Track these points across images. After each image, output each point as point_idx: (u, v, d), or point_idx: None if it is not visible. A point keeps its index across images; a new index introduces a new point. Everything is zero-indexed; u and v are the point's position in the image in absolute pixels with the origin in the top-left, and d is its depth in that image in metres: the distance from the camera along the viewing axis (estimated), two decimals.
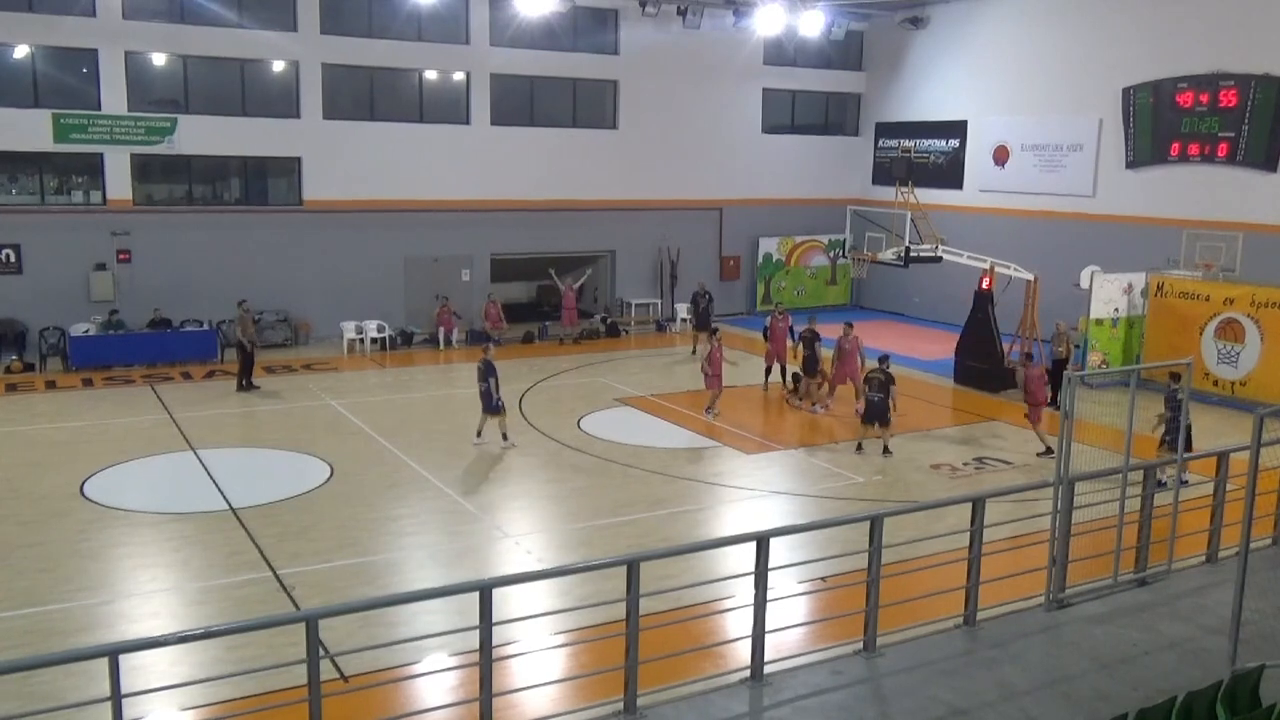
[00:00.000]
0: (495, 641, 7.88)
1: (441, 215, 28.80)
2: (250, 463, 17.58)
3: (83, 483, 16.05)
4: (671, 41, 30.82)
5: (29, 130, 24.48)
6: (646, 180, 31.28)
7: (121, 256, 25.76)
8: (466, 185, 28.92)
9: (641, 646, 8.37)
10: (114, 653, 6.69)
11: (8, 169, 25.43)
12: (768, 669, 9.03)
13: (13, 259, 24.82)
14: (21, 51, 24.80)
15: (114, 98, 25.35)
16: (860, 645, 9.56)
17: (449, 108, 29.26)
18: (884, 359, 18.53)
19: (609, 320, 30.17)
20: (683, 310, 31.51)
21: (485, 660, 7.81)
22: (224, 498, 15.46)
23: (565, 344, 28.41)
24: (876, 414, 18.10)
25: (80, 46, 24.99)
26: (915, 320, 32.15)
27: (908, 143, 33.42)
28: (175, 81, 26.59)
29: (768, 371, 23.40)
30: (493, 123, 29.44)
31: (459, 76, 29.22)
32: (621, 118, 31.24)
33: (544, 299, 32.20)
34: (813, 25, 30.46)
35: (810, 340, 21.58)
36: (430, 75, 29.13)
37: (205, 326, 25.80)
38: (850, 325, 21.37)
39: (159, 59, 26.22)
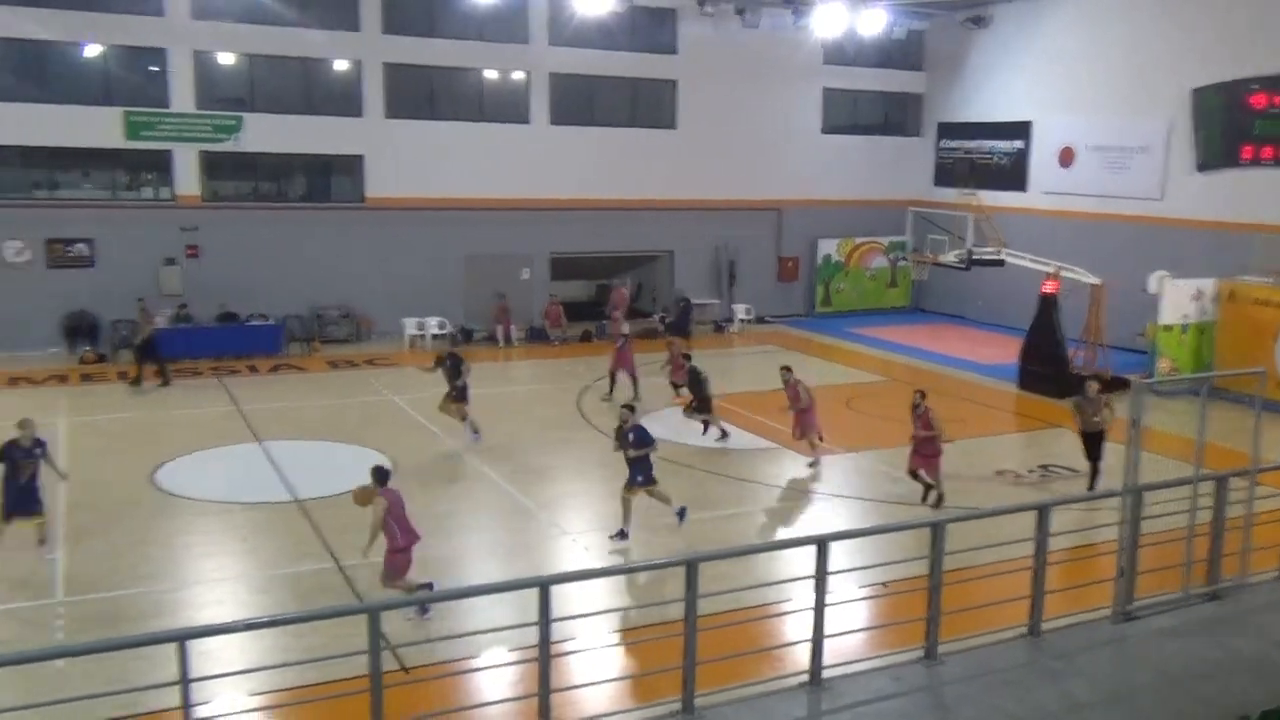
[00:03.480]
0: (554, 638, 7.92)
1: (501, 214, 29.00)
2: (314, 455, 17.84)
3: (153, 472, 16.42)
4: (730, 41, 30.72)
5: (102, 127, 25.09)
6: (705, 180, 31.22)
7: (190, 252, 26.31)
8: (526, 184, 29.10)
9: (699, 647, 8.35)
10: (183, 638, 6.81)
11: (82, 165, 26.08)
12: (827, 674, 8.95)
13: (86, 252, 25.47)
14: (94, 51, 25.44)
15: (183, 96, 25.91)
16: (921, 652, 9.45)
17: (509, 107, 29.46)
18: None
19: (667, 320, 30.17)
20: (741, 310, 31.44)
21: (543, 656, 7.84)
22: (289, 489, 15.71)
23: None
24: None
25: (150, 46, 25.57)
26: (977, 324, 31.72)
27: (970, 143, 32.99)
28: (241, 80, 27.11)
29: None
30: (552, 122, 29.59)
31: (519, 76, 29.41)
32: (680, 117, 31.22)
33: (602, 298, 32.30)
34: (873, 25, 30.19)
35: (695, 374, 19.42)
36: (490, 74, 29.36)
37: (270, 321, 26.27)
38: (788, 369, 18.21)
39: (226, 58, 26.73)
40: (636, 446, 13.85)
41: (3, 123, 24.25)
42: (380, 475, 11.55)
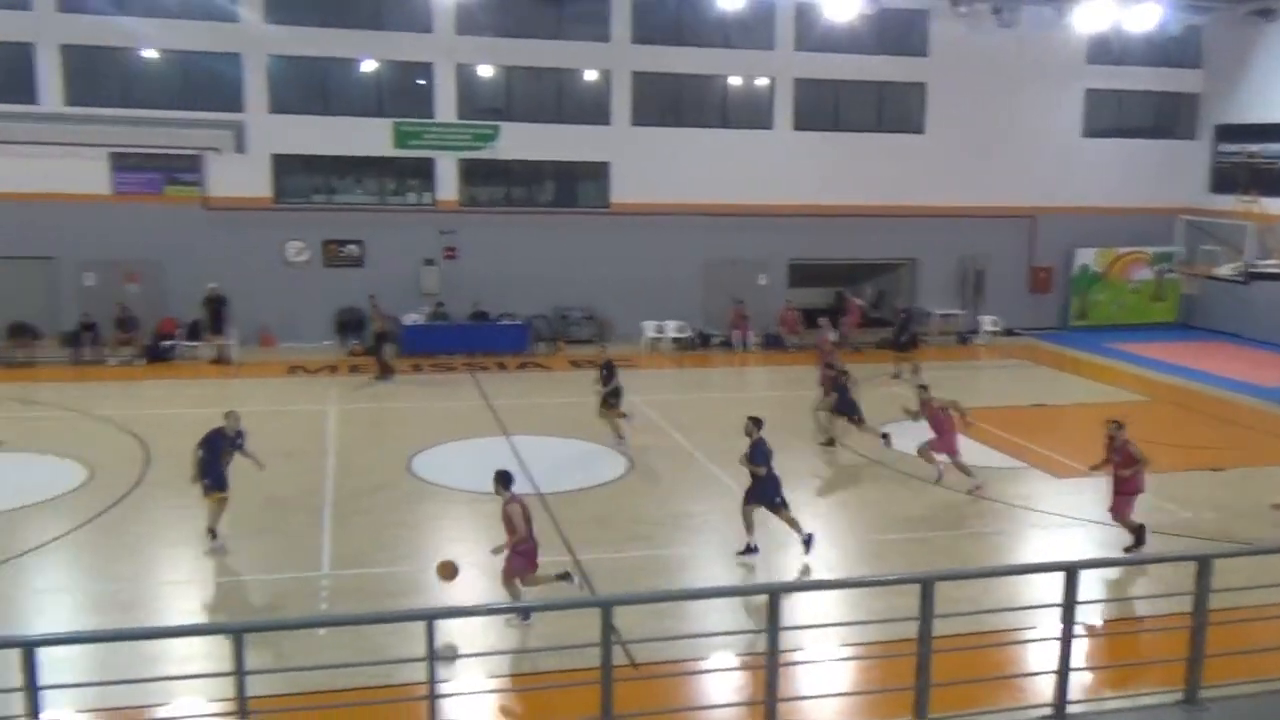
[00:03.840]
0: (782, 646, 7.85)
1: (741, 219, 29.09)
2: (556, 451, 18.49)
3: (410, 458, 17.51)
4: (984, 41, 29.49)
5: (373, 137, 27.06)
6: (953, 186, 30.13)
7: (448, 253, 27.93)
8: (767, 190, 29.05)
9: (933, 668, 8.06)
10: (431, 618, 7.22)
11: (354, 172, 28.20)
12: (1072, 708, 8.44)
13: (357, 253, 27.54)
14: (369, 66, 27.47)
15: (445, 107, 27.54)
16: (1181, 695, 8.74)
17: (752, 113, 29.52)
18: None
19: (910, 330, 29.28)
20: (988, 322, 30.17)
21: (771, 664, 7.80)
22: (532, 482, 16.35)
23: (862, 351, 27.79)
24: None
25: (418, 60, 27.32)
26: (1255, 343, 29.00)
27: (1253, 146, 30.21)
28: (499, 91, 28.52)
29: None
30: (795, 127, 29.43)
31: (763, 82, 29.41)
32: (929, 121, 30.30)
33: (840, 305, 31.76)
34: (1145, 20, 28.16)
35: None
36: (734, 81, 29.51)
37: (518, 321, 27.50)
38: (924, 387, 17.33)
39: (485, 70, 28.20)
40: (752, 462, 13.39)
41: (290, 134, 26.60)
42: (504, 479, 11.57)
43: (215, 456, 13.38)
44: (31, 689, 5.70)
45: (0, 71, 25.35)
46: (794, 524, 13.43)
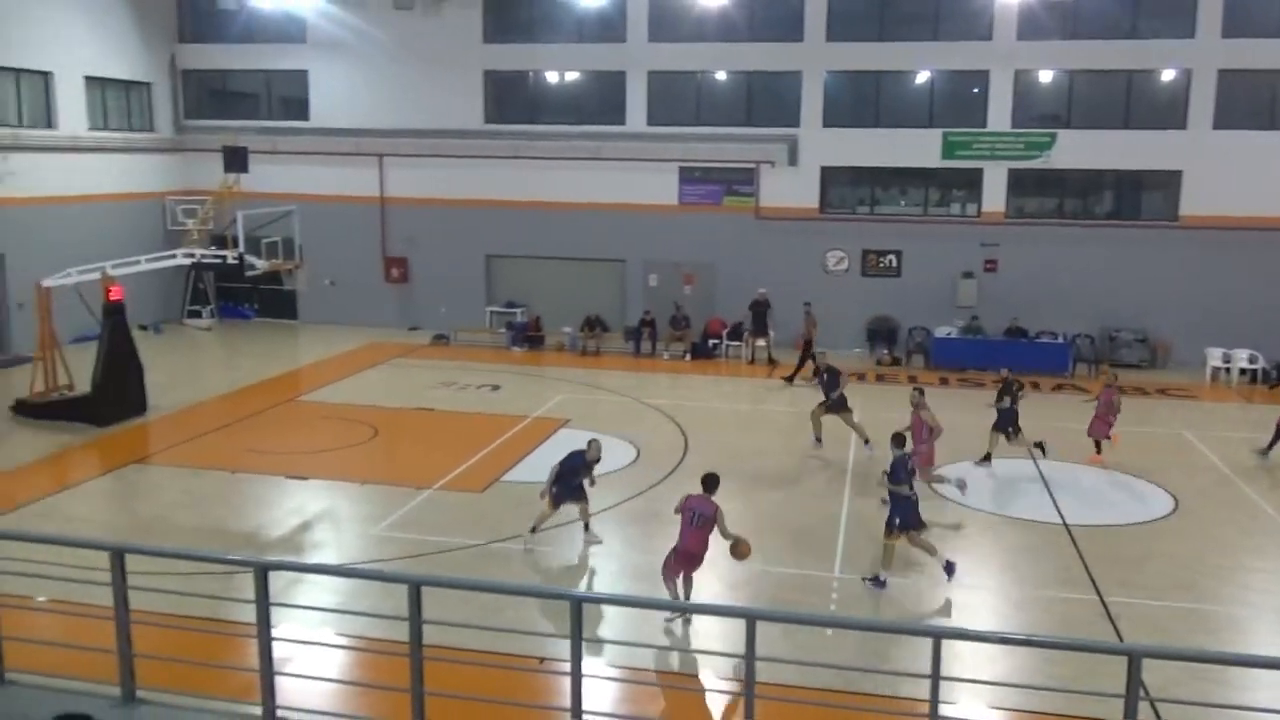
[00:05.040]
0: None
1: None
2: (1087, 480, 17.12)
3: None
4: None
5: (921, 148, 26.94)
6: None
7: (988, 266, 27.01)
8: None
9: None
10: (938, 635, 6.93)
11: (898, 182, 28.30)
12: None
13: (894, 263, 27.63)
14: (921, 77, 27.38)
15: (999, 116, 26.61)
16: None
17: None
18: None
19: None
20: None
21: None
22: (1058, 511, 15.29)
23: None
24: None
25: (973, 69, 26.68)
26: None
27: None
28: (1058, 97, 26.95)
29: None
30: None
31: None
32: None
33: None
34: None
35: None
36: None
37: (1060, 339, 25.84)
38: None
39: (1045, 76, 26.81)
40: (891, 481, 12.45)
41: (839, 146, 27.39)
42: (709, 483, 11.59)
43: (571, 475, 13.58)
44: (576, 638, 6.51)
45: (599, 97, 29.04)
46: (930, 549, 12.54)
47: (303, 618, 10.84)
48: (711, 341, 27.39)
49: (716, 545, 11.30)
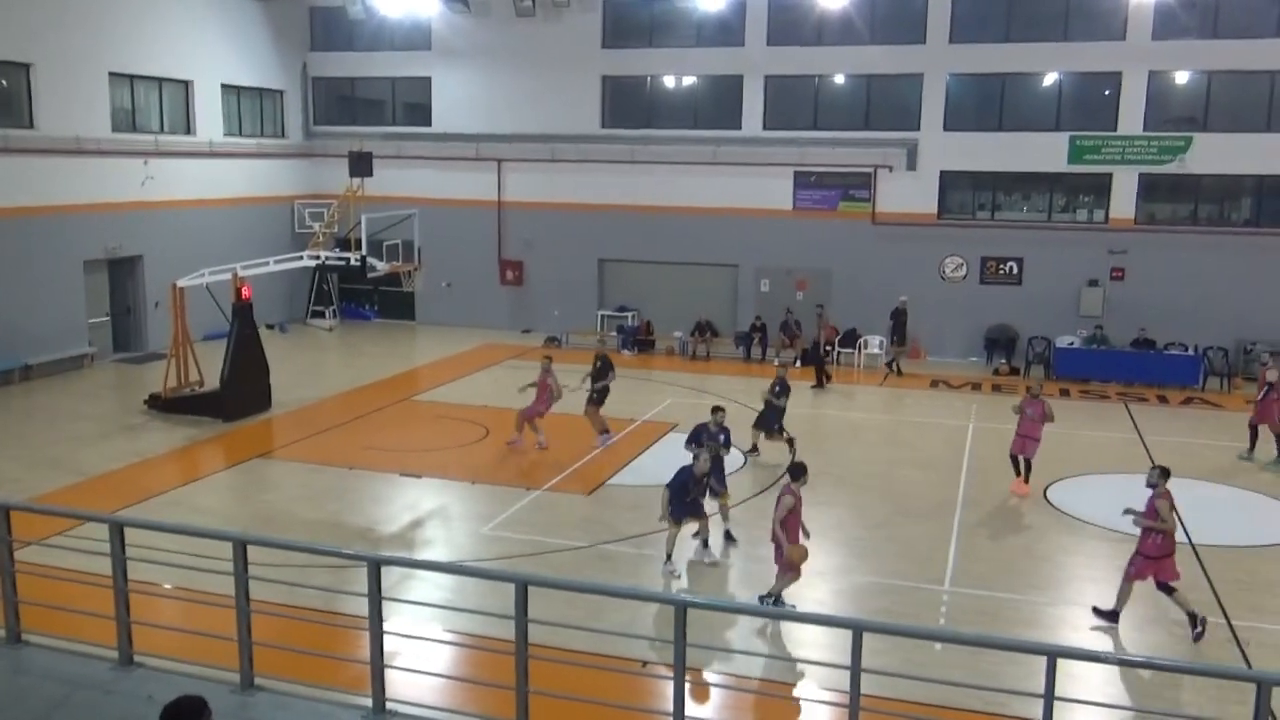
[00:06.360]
0: None
1: None
2: (1215, 498, 16.38)
3: (1046, 487, 16.66)
4: None
5: (1046, 152, 26.13)
6: None
7: (1115, 274, 26.05)
8: None
9: None
10: (1054, 654, 6.68)
11: (1020, 188, 27.49)
12: None
13: (1014, 270, 26.86)
14: (1049, 79, 26.55)
15: (1130, 118, 25.64)
16: None
17: None
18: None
19: None
20: None
21: None
22: (1183, 529, 14.63)
23: None
24: None
25: (1105, 70, 25.75)
26: None
27: None
28: (1194, 99, 25.83)
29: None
30: None
31: None
32: None
33: None
34: None
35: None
36: None
37: (1190, 351, 24.77)
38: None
39: (1180, 77, 25.74)
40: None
41: (960, 151, 26.77)
42: (795, 472, 11.79)
43: (681, 491, 13.27)
44: (680, 642, 6.52)
45: (715, 101, 29.00)
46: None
47: (412, 613, 11.09)
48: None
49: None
